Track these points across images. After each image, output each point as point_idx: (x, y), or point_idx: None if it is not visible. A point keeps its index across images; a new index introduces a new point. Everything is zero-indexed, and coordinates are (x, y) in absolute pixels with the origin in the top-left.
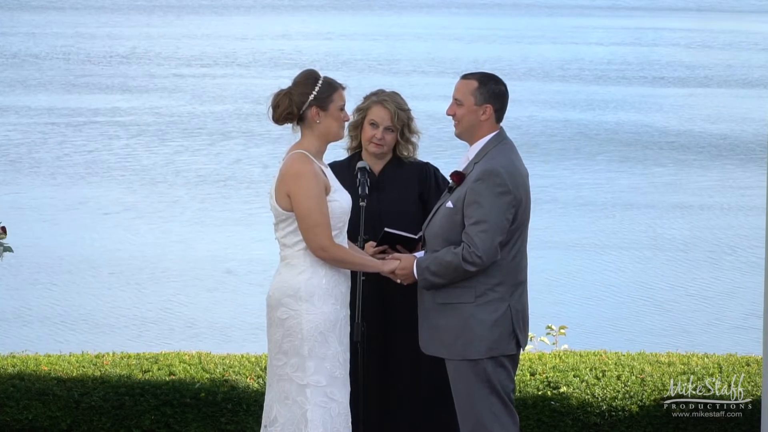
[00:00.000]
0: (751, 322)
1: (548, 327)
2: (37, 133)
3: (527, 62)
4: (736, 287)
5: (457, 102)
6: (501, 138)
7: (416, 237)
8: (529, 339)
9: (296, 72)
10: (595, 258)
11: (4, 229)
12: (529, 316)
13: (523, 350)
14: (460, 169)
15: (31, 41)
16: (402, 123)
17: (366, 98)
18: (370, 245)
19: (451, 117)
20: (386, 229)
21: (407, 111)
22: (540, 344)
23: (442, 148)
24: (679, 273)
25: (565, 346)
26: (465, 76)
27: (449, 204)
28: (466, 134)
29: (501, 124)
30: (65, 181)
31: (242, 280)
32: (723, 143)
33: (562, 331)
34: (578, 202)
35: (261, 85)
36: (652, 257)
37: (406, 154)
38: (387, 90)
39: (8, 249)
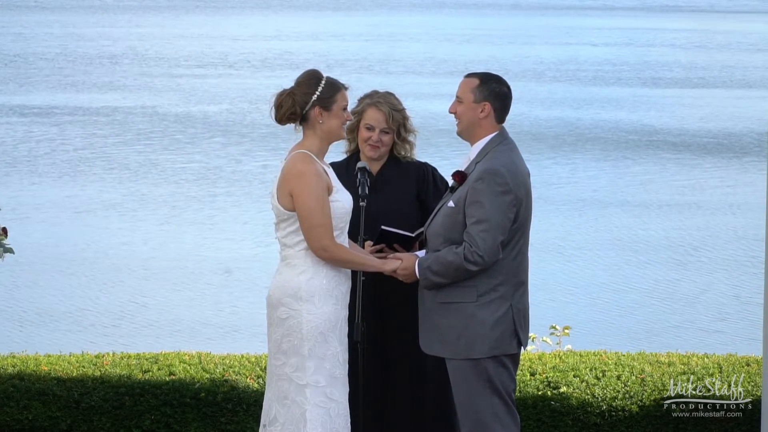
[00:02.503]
0: None
1: (552, 327)
2: (24, 132)
3: (522, 63)
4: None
5: (458, 99)
6: (502, 138)
7: (413, 235)
8: (531, 339)
9: (289, 72)
10: (569, 258)
11: (5, 230)
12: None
13: (524, 350)
14: (462, 168)
15: (22, 41)
16: (397, 123)
17: (360, 101)
18: (368, 244)
19: (453, 115)
20: (383, 227)
21: (402, 111)
22: (542, 344)
23: (432, 146)
24: (645, 273)
25: (569, 346)
26: (468, 75)
27: (451, 203)
28: (466, 132)
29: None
30: (55, 179)
31: (229, 280)
32: (714, 143)
33: (566, 331)
34: (559, 200)
35: (253, 86)
36: (616, 257)
37: (403, 153)
38: (381, 91)
39: (9, 250)
